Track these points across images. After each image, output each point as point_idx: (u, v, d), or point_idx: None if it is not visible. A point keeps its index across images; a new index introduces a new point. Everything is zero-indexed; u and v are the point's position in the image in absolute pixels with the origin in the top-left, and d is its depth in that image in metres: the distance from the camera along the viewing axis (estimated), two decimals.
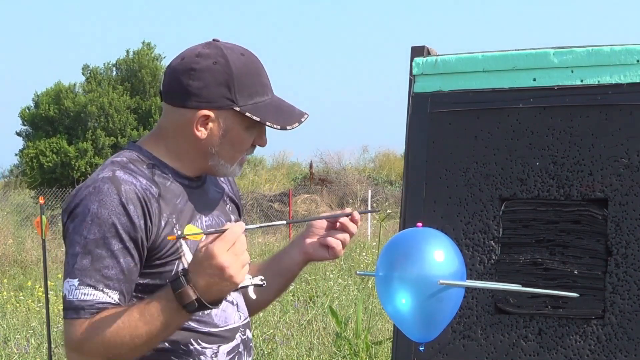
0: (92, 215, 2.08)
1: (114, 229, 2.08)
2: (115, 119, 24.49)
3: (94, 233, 2.07)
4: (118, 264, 2.08)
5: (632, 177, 2.69)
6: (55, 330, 8.36)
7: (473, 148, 2.90)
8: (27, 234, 17.68)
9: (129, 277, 2.10)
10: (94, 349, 2.06)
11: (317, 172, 29.35)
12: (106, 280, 2.07)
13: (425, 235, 2.29)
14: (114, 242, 2.08)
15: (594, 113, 2.76)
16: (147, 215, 2.11)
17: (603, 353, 2.68)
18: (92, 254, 2.07)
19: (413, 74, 3.00)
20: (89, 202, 2.09)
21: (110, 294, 2.08)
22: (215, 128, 2.19)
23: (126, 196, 2.09)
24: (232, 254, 1.99)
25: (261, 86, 2.20)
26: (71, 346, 2.08)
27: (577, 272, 2.73)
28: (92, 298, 2.06)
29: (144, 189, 2.13)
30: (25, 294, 10.86)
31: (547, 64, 2.82)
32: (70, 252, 2.09)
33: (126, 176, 2.13)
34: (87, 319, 2.06)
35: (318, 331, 8.14)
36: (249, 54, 2.23)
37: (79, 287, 2.06)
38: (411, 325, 2.26)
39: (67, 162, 23.96)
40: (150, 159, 2.21)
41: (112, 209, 2.08)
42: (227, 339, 2.25)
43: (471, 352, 2.83)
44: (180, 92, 2.18)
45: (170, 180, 2.21)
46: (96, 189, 2.10)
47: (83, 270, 2.07)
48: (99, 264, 2.07)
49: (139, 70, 25.55)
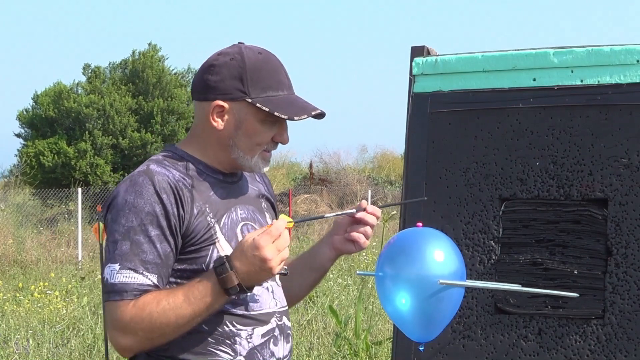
0: (129, 205, 2.23)
1: (150, 217, 2.22)
2: (115, 121, 24.47)
3: (131, 221, 2.22)
4: (155, 249, 2.21)
5: (632, 177, 2.69)
6: (54, 330, 8.35)
7: (473, 148, 2.90)
8: (27, 234, 17.68)
9: (165, 262, 2.23)
10: (139, 329, 2.19)
11: (317, 172, 29.35)
12: (145, 264, 2.20)
13: (425, 235, 2.29)
14: (150, 228, 2.22)
15: (594, 113, 2.76)
16: (179, 203, 2.25)
17: (603, 353, 2.68)
18: (131, 240, 2.21)
19: (413, 74, 3.00)
20: (126, 194, 2.25)
21: (149, 276, 2.21)
22: (230, 119, 2.32)
23: (160, 186, 2.24)
24: (275, 248, 2.18)
25: (276, 82, 2.32)
26: (117, 326, 2.21)
27: (577, 272, 2.73)
28: (133, 281, 2.19)
29: (177, 180, 2.27)
30: (25, 294, 10.85)
31: (547, 64, 2.82)
32: (111, 240, 2.24)
33: (160, 169, 2.28)
34: (130, 300, 2.19)
35: (318, 331, 8.14)
36: (267, 53, 2.36)
37: (120, 270, 2.20)
38: (411, 325, 2.26)
39: (67, 163, 23.94)
40: (184, 157, 2.35)
41: (147, 199, 2.23)
42: (261, 322, 2.34)
43: (471, 352, 2.83)
44: (201, 87, 2.34)
45: (204, 175, 2.34)
46: (132, 181, 2.26)
47: (123, 255, 2.20)
48: (137, 249, 2.21)
49: (143, 71, 25.52)
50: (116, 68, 26.40)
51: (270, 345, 2.35)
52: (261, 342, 2.33)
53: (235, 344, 2.29)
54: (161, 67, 26.05)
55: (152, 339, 2.21)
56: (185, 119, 25.43)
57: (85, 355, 7.64)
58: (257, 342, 2.32)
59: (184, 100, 25.82)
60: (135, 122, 24.97)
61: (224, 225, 2.32)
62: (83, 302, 9.76)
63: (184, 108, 25.52)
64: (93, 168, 24.11)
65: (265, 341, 2.34)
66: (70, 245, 17.79)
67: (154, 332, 2.20)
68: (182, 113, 25.39)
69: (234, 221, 2.35)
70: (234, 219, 2.35)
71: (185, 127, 25.35)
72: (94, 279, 12.18)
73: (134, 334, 2.20)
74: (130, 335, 2.20)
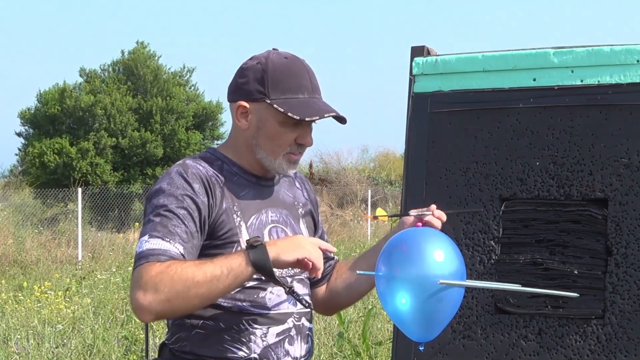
0: (162, 190, 2.34)
1: (181, 199, 2.31)
2: (117, 120, 24.46)
3: (163, 202, 2.31)
4: (183, 224, 2.29)
5: (632, 177, 2.69)
6: (54, 330, 8.35)
7: (473, 148, 2.90)
8: (27, 234, 17.67)
9: (191, 240, 2.30)
10: (161, 284, 2.20)
11: (317, 172, 29.36)
12: (172, 235, 2.28)
13: (425, 235, 2.29)
14: (180, 209, 2.30)
15: (594, 113, 2.76)
16: (209, 194, 2.34)
17: (603, 353, 2.68)
18: (161, 215, 2.30)
19: (413, 74, 3.00)
20: (160, 183, 2.36)
21: (176, 245, 2.26)
22: (253, 120, 2.40)
23: (191, 177, 2.34)
24: (314, 245, 2.28)
25: (296, 85, 2.38)
26: (139, 284, 2.22)
27: (577, 272, 2.73)
28: (159, 247, 2.25)
29: (210, 175, 2.38)
30: (25, 294, 10.85)
31: (547, 64, 2.82)
32: (145, 222, 2.33)
33: (194, 163, 2.40)
34: (158, 262, 2.22)
35: (319, 331, 8.14)
36: (294, 58, 2.43)
37: (149, 239, 2.27)
38: (411, 325, 2.26)
39: (69, 163, 23.92)
40: (221, 158, 2.45)
41: (179, 185, 2.33)
42: (277, 322, 2.39)
43: (471, 352, 2.83)
44: (232, 89, 2.46)
45: (237, 176, 2.43)
46: (167, 173, 2.38)
47: (152, 227, 2.29)
48: (166, 221, 2.29)
49: (135, 67, 25.46)
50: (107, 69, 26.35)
51: (285, 344, 2.40)
52: (275, 341, 2.38)
53: (250, 342, 2.35)
54: (157, 65, 26.02)
55: (172, 297, 2.20)
56: (184, 118, 25.40)
57: (85, 355, 7.64)
58: (272, 341, 2.37)
59: (182, 99, 25.79)
60: (135, 122, 24.95)
61: (251, 224, 2.39)
62: (83, 303, 9.76)
63: (183, 107, 25.50)
64: (93, 167, 24.08)
65: (280, 340, 2.38)
66: (70, 245, 17.79)
67: (175, 288, 2.19)
68: (181, 112, 25.36)
69: (263, 222, 2.41)
70: (263, 220, 2.41)
71: (185, 126, 25.33)
72: (94, 279, 12.19)
73: (155, 290, 2.19)
74: (151, 291, 2.19)
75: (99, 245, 17.79)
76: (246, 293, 2.35)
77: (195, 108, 25.98)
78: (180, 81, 26.62)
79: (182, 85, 26.35)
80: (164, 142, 24.76)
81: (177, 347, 2.38)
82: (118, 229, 20.84)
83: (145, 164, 24.74)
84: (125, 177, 24.58)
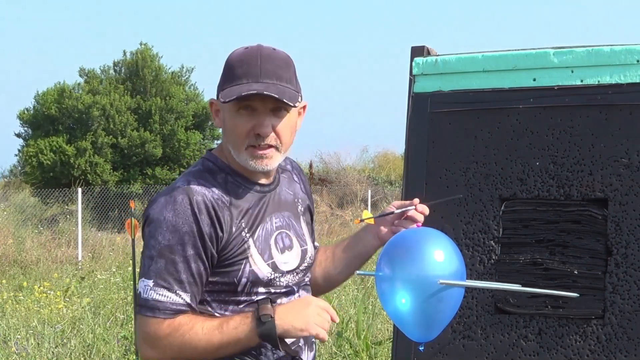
0: (166, 223, 2.26)
1: (187, 237, 2.26)
2: (116, 120, 24.44)
3: (168, 239, 2.25)
4: (189, 269, 2.26)
5: (632, 177, 2.69)
6: (53, 330, 8.35)
7: (473, 148, 2.89)
8: (27, 234, 17.67)
9: (198, 281, 2.29)
10: (168, 348, 2.26)
11: (317, 172, 29.34)
12: (178, 283, 2.26)
13: (425, 235, 2.29)
14: (186, 248, 2.26)
15: (594, 113, 2.76)
16: (216, 224, 2.29)
17: (603, 353, 2.68)
18: (166, 258, 2.26)
19: (413, 74, 3.00)
20: (164, 210, 2.27)
21: (182, 295, 2.26)
22: (221, 116, 2.38)
23: (198, 207, 2.27)
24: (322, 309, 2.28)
25: (243, 72, 2.30)
26: (147, 340, 2.27)
27: (577, 272, 2.73)
28: (166, 300, 2.26)
29: (216, 199, 2.31)
30: (25, 294, 10.85)
31: (547, 64, 2.82)
32: (147, 255, 2.28)
33: (199, 187, 2.31)
34: (163, 319, 2.25)
35: None
36: (253, 47, 2.34)
37: (154, 287, 2.26)
38: (411, 325, 2.26)
39: (67, 161, 23.91)
40: (223, 169, 2.38)
41: (185, 219, 2.26)
42: None
43: (471, 352, 2.83)
44: None
45: (242, 188, 2.37)
46: (172, 197, 2.29)
47: (158, 272, 2.26)
48: (172, 267, 2.26)
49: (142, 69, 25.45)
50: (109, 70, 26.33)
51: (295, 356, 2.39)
52: (285, 354, 2.35)
53: (260, 355, 2.34)
54: (158, 65, 26.00)
55: (179, 358, 2.28)
56: (184, 118, 25.39)
57: (85, 355, 7.64)
58: (282, 353, 2.35)
59: (182, 99, 25.78)
60: (135, 121, 24.93)
61: (257, 237, 2.36)
62: (83, 303, 9.76)
63: (182, 107, 25.49)
64: (92, 167, 24.06)
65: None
66: (71, 245, 17.79)
67: (182, 353, 2.26)
68: (181, 112, 25.35)
69: (269, 232, 2.39)
70: (269, 229, 2.39)
71: (185, 126, 25.32)
72: (94, 279, 12.18)
73: (163, 351, 2.26)
74: (159, 351, 2.27)
75: (99, 245, 17.79)
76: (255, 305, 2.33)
77: (195, 108, 25.97)
78: (180, 81, 26.61)
79: (181, 85, 26.33)
80: (164, 142, 24.74)
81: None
82: (118, 229, 20.84)
83: (145, 163, 24.73)
84: (124, 177, 24.57)
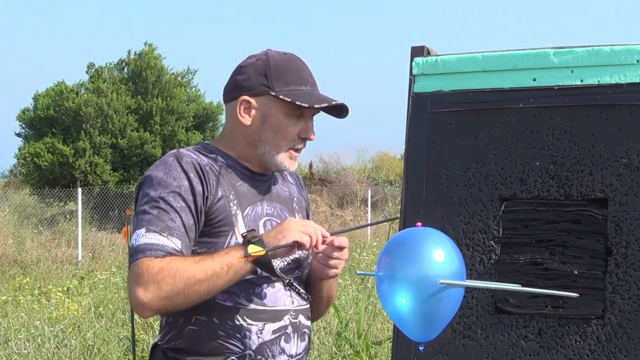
0: (157, 179, 2.32)
1: (177, 190, 2.30)
2: (114, 120, 24.43)
3: (159, 192, 2.29)
4: (180, 218, 2.28)
5: (632, 177, 2.69)
6: (53, 330, 8.35)
7: (473, 148, 2.90)
8: (27, 234, 17.67)
9: (188, 233, 2.29)
10: (162, 282, 2.21)
11: (317, 172, 29.34)
12: (169, 229, 2.26)
13: (425, 235, 2.29)
14: (177, 199, 2.29)
15: (594, 113, 2.76)
16: (204, 183, 2.33)
17: (603, 353, 2.68)
18: (158, 208, 2.28)
19: (413, 74, 3.00)
20: (155, 171, 2.34)
21: (173, 240, 2.26)
22: (256, 114, 2.40)
23: (187, 166, 2.33)
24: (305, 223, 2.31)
25: (298, 78, 2.41)
26: (139, 281, 2.22)
27: (577, 272, 2.73)
28: (157, 241, 2.24)
29: (204, 164, 2.37)
30: (25, 294, 10.85)
31: (547, 64, 2.82)
32: (139, 211, 2.31)
33: (189, 152, 2.39)
34: (157, 258, 2.22)
35: (318, 331, 8.13)
36: (292, 55, 2.46)
37: (145, 234, 2.26)
38: (411, 325, 2.26)
39: (65, 162, 23.90)
40: (214, 151, 2.44)
41: (175, 175, 2.31)
42: (274, 319, 2.37)
43: (471, 352, 2.83)
44: (230, 88, 2.46)
45: (232, 168, 2.43)
46: (162, 162, 2.36)
47: (149, 221, 2.27)
48: (163, 215, 2.27)
49: (144, 70, 25.42)
50: (113, 68, 26.31)
51: (281, 342, 2.38)
52: (271, 338, 2.36)
53: (245, 338, 2.33)
54: (160, 66, 25.99)
55: (173, 295, 2.22)
56: (184, 119, 25.39)
57: (85, 355, 7.64)
58: (267, 338, 2.35)
59: (183, 100, 25.77)
60: (135, 122, 24.92)
61: (246, 215, 2.38)
62: (83, 303, 9.76)
63: (183, 108, 25.48)
64: (92, 167, 24.06)
65: (276, 337, 2.37)
66: (71, 245, 17.79)
67: (177, 286, 2.21)
68: (181, 113, 25.35)
69: (258, 214, 2.41)
70: (258, 212, 2.41)
71: (185, 127, 25.32)
72: (94, 279, 12.18)
73: (157, 287, 2.20)
74: (153, 288, 2.20)
75: (99, 245, 17.79)
76: (241, 287, 2.33)
77: (196, 109, 25.96)
78: (182, 82, 26.60)
79: (183, 86, 26.33)
80: (164, 143, 24.73)
81: (171, 346, 2.36)
82: (118, 229, 20.84)
83: (145, 164, 24.72)
84: (125, 177, 24.57)
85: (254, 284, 2.35)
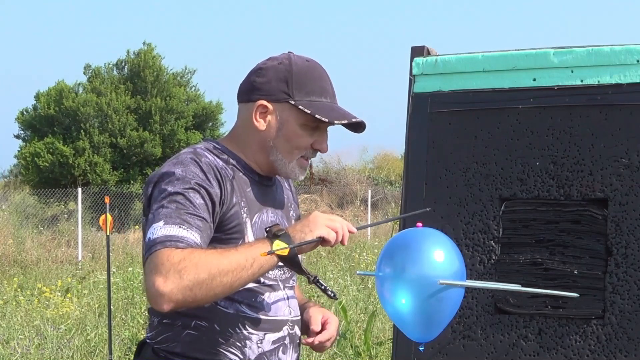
0: (176, 176, 2.25)
1: (197, 187, 2.23)
2: (114, 120, 24.43)
3: (178, 188, 2.22)
4: (199, 214, 2.21)
5: (632, 177, 2.69)
6: (53, 331, 8.35)
7: (473, 148, 2.90)
8: (27, 234, 17.66)
9: (206, 231, 2.22)
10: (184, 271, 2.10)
11: (317, 172, 29.34)
12: (189, 223, 2.18)
13: (425, 235, 2.29)
14: (196, 196, 2.22)
15: (594, 113, 2.76)
16: (222, 188, 2.28)
17: (603, 353, 2.68)
18: (176, 202, 2.21)
19: (413, 74, 3.00)
20: (173, 168, 2.27)
21: (193, 233, 2.17)
22: (273, 121, 2.35)
23: (206, 167, 2.28)
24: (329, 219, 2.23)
25: (320, 88, 2.36)
26: (159, 270, 2.10)
27: (577, 272, 2.73)
28: (177, 233, 2.15)
29: (220, 167, 2.32)
30: (25, 294, 10.85)
31: (547, 64, 2.82)
32: (155, 207, 2.22)
33: (206, 153, 2.34)
34: (177, 249, 2.12)
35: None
36: (314, 62, 2.41)
37: (164, 226, 2.16)
38: (411, 325, 2.26)
39: (65, 162, 23.90)
40: (224, 152, 2.38)
41: (194, 174, 2.25)
42: (274, 329, 2.35)
43: (471, 352, 2.83)
44: (247, 88, 2.39)
45: (242, 172, 2.38)
46: (179, 159, 2.29)
47: (167, 214, 2.19)
48: (182, 210, 2.20)
49: (143, 70, 25.42)
50: (112, 68, 26.31)
51: (279, 353, 2.37)
52: (271, 349, 2.34)
53: (245, 347, 2.29)
54: (159, 66, 25.98)
55: (196, 285, 2.10)
56: (184, 118, 25.39)
57: (87, 355, 7.64)
58: (267, 348, 2.33)
59: (182, 99, 25.77)
60: (134, 121, 24.92)
61: (254, 223, 2.35)
62: (83, 303, 9.76)
63: (182, 107, 25.48)
64: (92, 166, 24.06)
65: (275, 348, 2.35)
66: (71, 245, 17.79)
67: (199, 276, 2.09)
68: (181, 112, 25.35)
69: (264, 222, 2.37)
70: (265, 220, 2.38)
71: (185, 126, 25.32)
72: (94, 279, 12.18)
73: (179, 276, 2.08)
74: (174, 278, 2.08)
75: (99, 245, 17.79)
76: (244, 295, 2.29)
77: (196, 108, 25.96)
78: (181, 81, 26.60)
79: (182, 86, 26.32)
80: (163, 142, 24.73)
81: (164, 347, 2.30)
82: (118, 229, 20.84)
83: (145, 163, 24.73)
84: (124, 177, 24.57)
85: (256, 292, 2.32)
